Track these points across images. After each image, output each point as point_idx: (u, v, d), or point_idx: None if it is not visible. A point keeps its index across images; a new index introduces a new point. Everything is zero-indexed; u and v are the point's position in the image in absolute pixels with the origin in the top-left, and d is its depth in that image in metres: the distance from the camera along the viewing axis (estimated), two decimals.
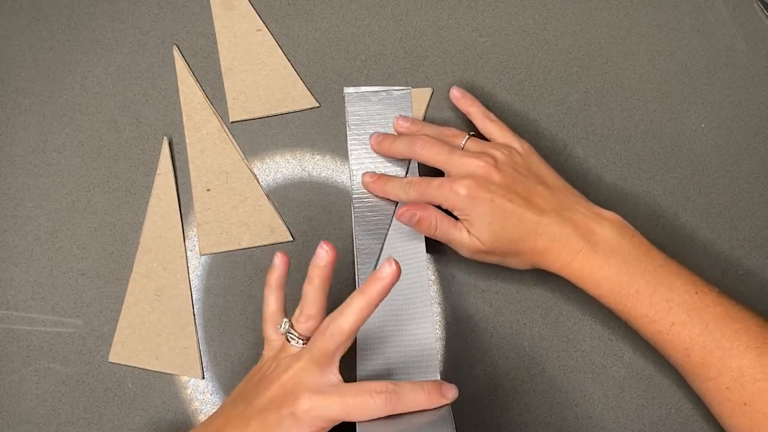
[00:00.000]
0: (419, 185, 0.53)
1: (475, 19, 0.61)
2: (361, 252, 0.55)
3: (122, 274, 0.56)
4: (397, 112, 0.58)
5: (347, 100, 0.58)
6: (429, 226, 0.52)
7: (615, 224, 0.50)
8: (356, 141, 0.57)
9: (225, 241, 0.57)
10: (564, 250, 0.50)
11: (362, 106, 0.58)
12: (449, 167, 0.52)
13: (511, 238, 0.50)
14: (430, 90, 0.59)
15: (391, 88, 0.59)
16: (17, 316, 0.55)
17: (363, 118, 0.58)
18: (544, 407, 0.55)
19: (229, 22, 0.60)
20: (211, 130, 0.58)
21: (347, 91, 0.58)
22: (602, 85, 0.60)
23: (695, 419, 0.55)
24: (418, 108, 0.59)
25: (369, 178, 0.56)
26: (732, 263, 0.57)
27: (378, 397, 0.42)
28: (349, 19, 0.61)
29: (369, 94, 0.58)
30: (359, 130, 0.58)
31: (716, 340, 0.47)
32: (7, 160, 0.58)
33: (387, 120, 0.58)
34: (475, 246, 0.51)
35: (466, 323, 0.56)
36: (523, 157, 0.53)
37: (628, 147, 0.59)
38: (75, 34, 0.60)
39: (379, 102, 0.58)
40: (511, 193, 0.50)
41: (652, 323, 0.49)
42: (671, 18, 0.62)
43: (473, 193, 0.50)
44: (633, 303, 0.49)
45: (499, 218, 0.50)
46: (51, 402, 0.54)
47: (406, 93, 0.59)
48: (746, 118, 0.60)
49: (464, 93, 0.57)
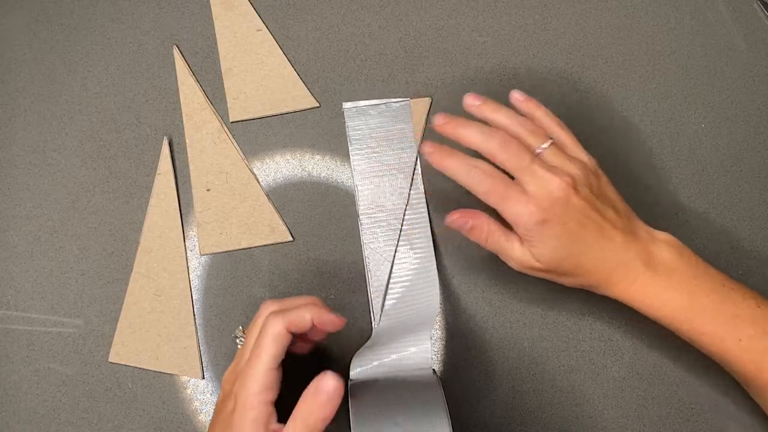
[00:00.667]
0: (494, 187, 0.47)
1: (475, 19, 0.61)
2: (372, 268, 0.55)
3: (122, 274, 0.56)
4: (397, 125, 0.58)
5: (346, 115, 0.58)
6: (480, 236, 0.50)
7: (672, 245, 0.49)
8: (359, 155, 0.57)
9: (225, 241, 0.57)
10: (626, 276, 0.48)
11: (362, 120, 0.58)
12: (526, 178, 0.47)
13: (576, 263, 0.48)
14: (429, 99, 0.59)
15: (389, 100, 0.59)
16: (17, 316, 0.55)
17: (364, 132, 0.58)
18: (544, 407, 0.55)
19: (229, 22, 0.60)
20: (211, 130, 0.58)
21: (346, 107, 0.58)
22: (602, 85, 0.60)
23: (695, 419, 0.55)
24: (418, 118, 0.59)
25: (429, 148, 0.49)
26: (732, 263, 0.57)
27: None
28: (349, 19, 0.61)
29: (368, 108, 0.58)
30: (361, 145, 0.58)
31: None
32: (7, 160, 0.58)
33: (388, 132, 0.58)
34: (530, 264, 0.49)
35: (466, 323, 0.56)
36: (597, 178, 0.49)
37: (628, 147, 0.59)
38: (75, 34, 0.60)
39: (379, 115, 0.58)
40: (587, 219, 0.47)
41: (720, 341, 0.47)
42: (671, 18, 0.62)
43: (548, 217, 0.46)
44: (699, 322, 0.48)
45: (567, 243, 0.47)
46: (51, 402, 0.54)
47: (405, 105, 0.58)
48: (746, 118, 0.60)
49: (527, 96, 0.52)
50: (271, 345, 0.42)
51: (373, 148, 0.57)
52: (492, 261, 0.57)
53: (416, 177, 0.57)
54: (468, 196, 0.49)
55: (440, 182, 0.53)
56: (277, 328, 0.43)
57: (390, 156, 0.58)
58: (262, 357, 0.42)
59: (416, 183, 0.57)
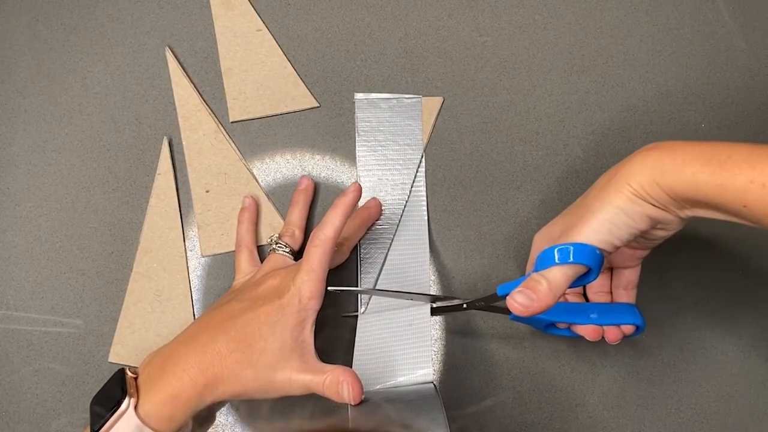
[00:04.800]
0: None
1: (475, 19, 0.61)
2: (365, 261, 0.55)
3: (122, 274, 0.56)
4: (406, 120, 0.58)
5: (357, 106, 0.58)
6: None
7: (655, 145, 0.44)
8: (365, 147, 0.58)
9: (226, 241, 0.57)
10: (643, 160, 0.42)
11: (372, 113, 0.58)
12: None
13: None
14: (441, 99, 0.59)
15: (401, 96, 0.59)
16: (17, 316, 0.55)
17: (373, 125, 0.58)
18: (544, 407, 0.55)
19: (229, 22, 0.60)
20: (207, 131, 0.58)
21: (357, 98, 0.58)
22: (602, 85, 0.60)
23: (695, 419, 0.55)
24: (428, 116, 0.59)
25: None
26: (732, 263, 0.57)
27: None
28: (349, 19, 0.61)
29: (379, 101, 0.58)
30: (368, 137, 0.58)
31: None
32: (7, 160, 0.58)
33: (396, 128, 0.58)
34: None
35: (466, 323, 0.56)
36: None
37: (628, 147, 0.59)
38: (75, 34, 0.60)
39: (389, 109, 0.58)
40: None
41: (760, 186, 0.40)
42: (671, 18, 0.62)
43: None
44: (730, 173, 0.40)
45: None
46: (51, 402, 0.54)
47: (416, 102, 0.59)
48: (746, 118, 0.60)
49: None
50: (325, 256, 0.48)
51: (380, 141, 0.58)
52: (492, 261, 0.57)
53: (419, 175, 0.57)
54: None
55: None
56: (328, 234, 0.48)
57: (395, 151, 0.58)
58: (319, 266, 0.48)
59: (418, 180, 0.57)
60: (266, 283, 0.49)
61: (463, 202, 0.58)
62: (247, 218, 0.56)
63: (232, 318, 0.47)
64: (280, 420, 0.54)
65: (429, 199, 0.58)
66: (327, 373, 0.46)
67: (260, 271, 0.52)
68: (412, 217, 0.57)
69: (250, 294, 0.49)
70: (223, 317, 0.48)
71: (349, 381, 0.46)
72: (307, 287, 0.47)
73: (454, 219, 0.58)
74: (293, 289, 0.47)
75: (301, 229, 0.55)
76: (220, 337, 0.47)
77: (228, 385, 0.46)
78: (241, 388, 0.46)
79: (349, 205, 0.49)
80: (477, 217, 0.58)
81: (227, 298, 0.51)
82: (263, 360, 0.46)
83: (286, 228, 0.54)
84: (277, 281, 0.49)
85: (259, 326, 0.46)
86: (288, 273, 0.49)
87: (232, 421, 0.54)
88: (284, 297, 0.47)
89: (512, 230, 0.58)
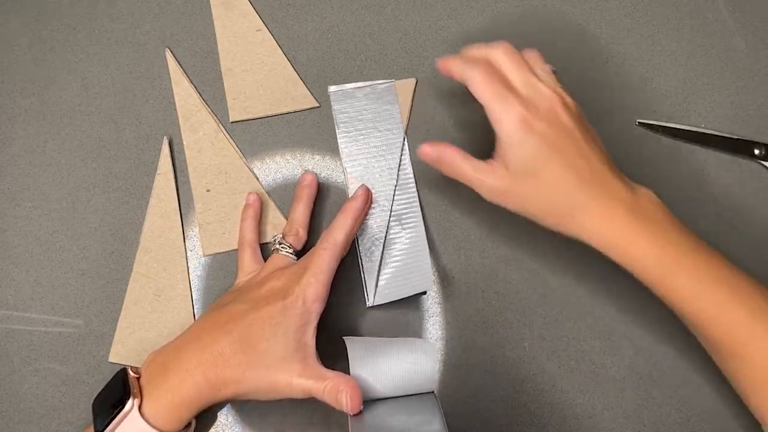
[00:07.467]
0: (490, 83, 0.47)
1: (475, 19, 0.61)
2: (364, 251, 0.56)
3: (122, 274, 0.56)
4: (384, 106, 0.58)
5: (333, 98, 0.58)
6: (450, 166, 0.49)
7: (654, 200, 0.48)
8: (346, 138, 0.58)
9: (227, 241, 0.57)
10: (602, 213, 0.46)
11: (348, 103, 0.58)
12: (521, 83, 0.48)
13: (549, 182, 0.46)
14: (414, 80, 0.59)
15: (374, 82, 0.59)
16: (17, 316, 0.55)
17: (350, 115, 0.58)
18: (545, 407, 0.55)
19: (229, 22, 0.60)
20: (207, 131, 0.58)
21: (332, 90, 0.59)
22: (602, 85, 0.60)
23: (695, 419, 0.55)
24: (405, 99, 0.59)
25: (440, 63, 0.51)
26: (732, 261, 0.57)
27: None
28: (349, 19, 0.61)
29: (354, 91, 0.59)
30: (348, 128, 0.58)
31: None
32: (7, 160, 0.58)
33: (375, 114, 0.58)
34: (501, 187, 0.48)
35: (466, 323, 0.56)
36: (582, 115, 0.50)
37: (629, 147, 0.59)
38: (75, 34, 0.60)
39: (365, 97, 0.59)
40: (569, 137, 0.47)
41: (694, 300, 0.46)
42: (671, 18, 0.62)
43: (533, 123, 0.46)
44: (674, 278, 0.46)
45: (544, 156, 0.46)
46: (51, 402, 0.54)
47: (390, 86, 0.59)
48: (746, 118, 0.60)
49: None
50: (333, 260, 0.49)
51: (360, 130, 0.58)
52: (492, 261, 0.57)
53: (404, 157, 0.58)
54: None
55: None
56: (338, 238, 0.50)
57: (378, 137, 0.58)
58: (327, 269, 0.49)
59: (404, 163, 0.58)
60: (269, 284, 0.49)
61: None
62: (250, 215, 0.55)
63: (235, 319, 0.47)
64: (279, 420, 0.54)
65: (417, 179, 0.58)
66: (327, 380, 0.46)
67: (263, 271, 0.52)
68: (403, 200, 0.57)
69: (252, 295, 0.49)
70: (226, 318, 0.48)
71: (348, 391, 0.46)
72: (312, 289, 0.47)
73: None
74: (298, 290, 0.47)
75: (304, 227, 0.54)
76: (222, 338, 0.47)
77: (231, 386, 0.46)
78: (244, 389, 0.47)
79: (359, 210, 0.52)
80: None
81: (230, 297, 0.51)
82: (266, 362, 0.46)
83: (290, 227, 0.54)
84: (281, 282, 0.49)
85: (261, 327, 0.46)
86: (292, 274, 0.49)
87: (232, 421, 0.54)
88: (288, 298, 0.47)
89: None
